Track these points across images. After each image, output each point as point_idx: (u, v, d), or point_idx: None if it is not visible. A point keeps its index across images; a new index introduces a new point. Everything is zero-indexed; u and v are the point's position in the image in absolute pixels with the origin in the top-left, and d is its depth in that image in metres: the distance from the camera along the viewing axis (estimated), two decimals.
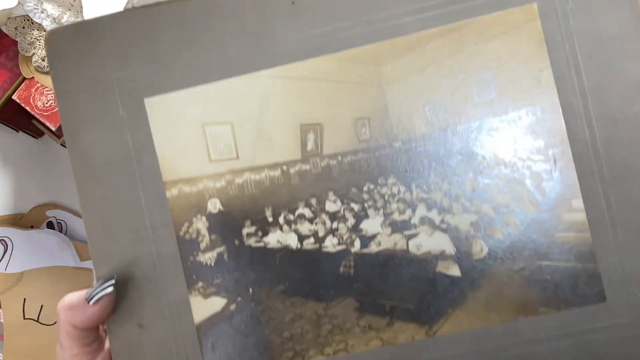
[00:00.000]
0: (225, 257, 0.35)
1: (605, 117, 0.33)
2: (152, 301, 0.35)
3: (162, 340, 0.35)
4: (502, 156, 0.34)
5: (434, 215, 0.34)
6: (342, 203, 0.35)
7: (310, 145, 0.35)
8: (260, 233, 0.35)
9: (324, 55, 0.34)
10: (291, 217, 0.35)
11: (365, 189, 0.35)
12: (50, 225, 0.64)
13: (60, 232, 0.63)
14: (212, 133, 0.35)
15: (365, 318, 0.35)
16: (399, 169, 0.35)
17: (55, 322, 0.58)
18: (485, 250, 0.34)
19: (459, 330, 0.34)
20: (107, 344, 0.37)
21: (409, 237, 0.35)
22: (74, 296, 0.35)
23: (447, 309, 0.34)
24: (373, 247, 0.35)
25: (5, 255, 0.61)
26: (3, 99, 0.55)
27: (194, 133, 0.35)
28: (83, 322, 0.34)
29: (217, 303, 0.35)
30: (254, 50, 0.35)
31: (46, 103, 0.53)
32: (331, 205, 0.35)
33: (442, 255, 0.34)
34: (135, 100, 0.35)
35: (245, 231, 0.35)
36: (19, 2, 0.50)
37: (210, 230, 0.35)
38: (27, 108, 0.53)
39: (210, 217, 0.35)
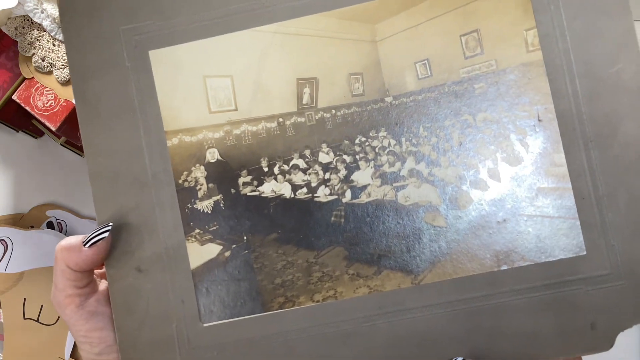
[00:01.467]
0: (221, 205, 0.37)
1: (588, 75, 0.34)
2: (151, 246, 0.37)
3: (159, 284, 0.37)
4: (489, 111, 0.35)
5: (422, 167, 0.36)
6: (335, 154, 0.37)
7: (305, 98, 0.37)
8: (255, 182, 0.37)
9: (321, 12, 0.36)
10: (285, 167, 0.37)
11: (357, 141, 0.36)
12: (50, 225, 0.63)
13: (60, 232, 0.63)
14: (213, 85, 0.37)
15: (354, 266, 0.36)
16: (389, 122, 0.36)
17: (55, 322, 0.60)
18: (470, 202, 0.35)
19: (443, 279, 0.35)
20: (100, 287, 0.38)
21: (398, 189, 0.36)
22: (72, 239, 0.36)
23: (432, 259, 0.35)
24: (363, 198, 0.36)
25: (5, 255, 0.61)
26: (3, 99, 0.54)
27: (196, 85, 0.37)
28: (78, 263, 0.36)
29: (212, 249, 0.37)
30: (254, 6, 0.36)
31: (46, 103, 0.53)
32: (324, 157, 0.37)
33: (428, 207, 0.36)
34: (140, 52, 0.37)
35: (241, 180, 0.37)
36: (19, 2, 0.50)
37: (208, 179, 0.37)
38: (27, 108, 0.53)
39: (208, 166, 0.37)
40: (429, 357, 0.35)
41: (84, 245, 0.35)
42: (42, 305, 0.61)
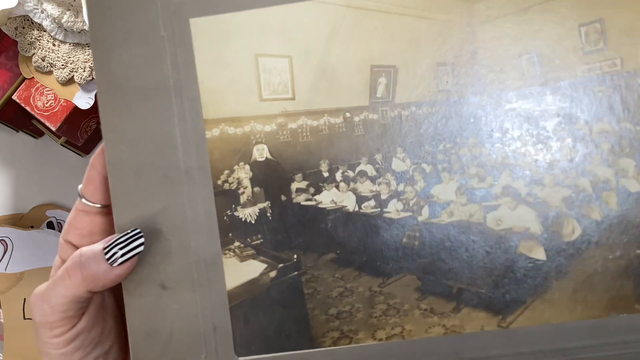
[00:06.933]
0: (268, 214, 0.30)
1: None
2: (179, 259, 0.30)
3: (187, 305, 0.30)
4: (609, 121, 0.29)
5: (520, 185, 0.29)
6: (412, 162, 0.30)
7: (380, 90, 0.30)
8: (312, 189, 0.30)
9: None
10: (350, 173, 0.30)
11: (440, 147, 0.30)
12: (50, 225, 0.64)
13: (60, 232, 0.61)
14: (266, 67, 0.30)
15: (428, 300, 0.30)
16: (482, 127, 0.29)
17: None
18: (578, 231, 0.29)
19: (538, 323, 0.29)
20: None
21: (488, 209, 0.29)
22: (91, 256, 0.29)
23: (525, 298, 0.29)
24: (444, 217, 0.30)
25: (5, 255, 0.61)
26: (3, 99, 0.55)
27: (245, 65, 0.30)
28: (104, 285, 0.29)
29: (254, 268, 0.30)
30: None
31: (46, 103, 0.54)
32: (399, 164, 0.30)
33: (525, 234, 0.29)
34: (179, 19, 0.30)
35: (294, 186, 0.30)
36: (19, 2, 0.50)
37: (253, 181, 0.30)
38: (27, 108, 0.54)
39: (254, 165, 0.30)
40: None
41: (111, 263, 0.29)
42: None
